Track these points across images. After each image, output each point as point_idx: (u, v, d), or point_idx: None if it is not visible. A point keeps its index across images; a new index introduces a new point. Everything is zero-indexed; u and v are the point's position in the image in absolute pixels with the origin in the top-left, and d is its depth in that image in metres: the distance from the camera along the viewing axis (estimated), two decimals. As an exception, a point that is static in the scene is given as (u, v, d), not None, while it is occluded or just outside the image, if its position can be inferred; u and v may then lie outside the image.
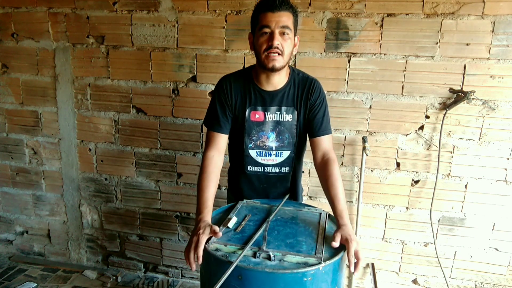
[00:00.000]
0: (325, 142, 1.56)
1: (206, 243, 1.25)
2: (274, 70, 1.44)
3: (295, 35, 1.47)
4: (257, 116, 1.55)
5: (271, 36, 1.40)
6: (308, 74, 1.60)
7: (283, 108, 1.55)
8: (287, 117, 1.56)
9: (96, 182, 2.55)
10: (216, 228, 1.27)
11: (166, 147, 2.39)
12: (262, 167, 1.63)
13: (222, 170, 1.58)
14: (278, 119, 1.56)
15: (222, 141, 1.57)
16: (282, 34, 1.40)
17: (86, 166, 2.54)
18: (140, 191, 2.50)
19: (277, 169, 1.64)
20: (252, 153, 1.60)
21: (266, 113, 1.55)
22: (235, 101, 1.55)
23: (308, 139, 1.64)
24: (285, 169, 1.65)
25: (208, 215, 1.39)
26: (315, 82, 1.56)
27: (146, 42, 2.25)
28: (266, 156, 1.61)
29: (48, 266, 2.70)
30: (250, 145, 1.59)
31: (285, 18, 1.40)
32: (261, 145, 1.59)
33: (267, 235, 1.31)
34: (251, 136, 1.58)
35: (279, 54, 1.41)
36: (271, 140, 1.58)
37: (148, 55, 2.26)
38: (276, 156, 1.61)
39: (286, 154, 1.61)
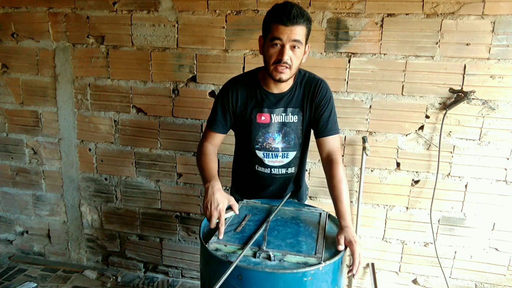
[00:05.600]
0: (330, 143, 1.54)
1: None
2: (281, 81, 1.45)
3: (306, 43, 1.43)
4: (263, 118, 1.55)
5: (282, 50, 1.37)
6: (314, 74, 1.59)
7: (289, 109, 1.55)
8: (293, 118, 1.56)
9: (96, 182, 2.55)
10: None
11: (166, 147, 2.39)
12: (269, 169, 1.62)
13: (226, 170, 1.57)
14: (283, 121, 1.56)
15: (217, 139, 1.62)
16: (293, 47, 1.37)
17: (86, 166, 2.53)
18: (140, 191, 2.50)
19: (283, 170, 1.63)
20: (259, 154, 1.60)
21: (272, 115, 1.55)
22: (241, 105, 1.55)
23: (313, 138, 1.63)
24: (291, 170, 1.65)
25: (218, 182, 1.43)
26: (321, 82, 1.55)
27: (146, 42, 2.25)
28: (272, 157, 1.60)
29: (48, 266, 2.70)
30: (257, 146, 1.59)
31: (298, 31, 1.35)
32: (267, 147, 1.58)
33: (267, 235, 1.31)
34: (257, 138, 1.57)
35: (287, 67, 1.39)
36: (277, 142, 1.58)
37: (148, 55, 2.26)
38: (282, 158, 1.61)
39: (292, 155, 1.61)
